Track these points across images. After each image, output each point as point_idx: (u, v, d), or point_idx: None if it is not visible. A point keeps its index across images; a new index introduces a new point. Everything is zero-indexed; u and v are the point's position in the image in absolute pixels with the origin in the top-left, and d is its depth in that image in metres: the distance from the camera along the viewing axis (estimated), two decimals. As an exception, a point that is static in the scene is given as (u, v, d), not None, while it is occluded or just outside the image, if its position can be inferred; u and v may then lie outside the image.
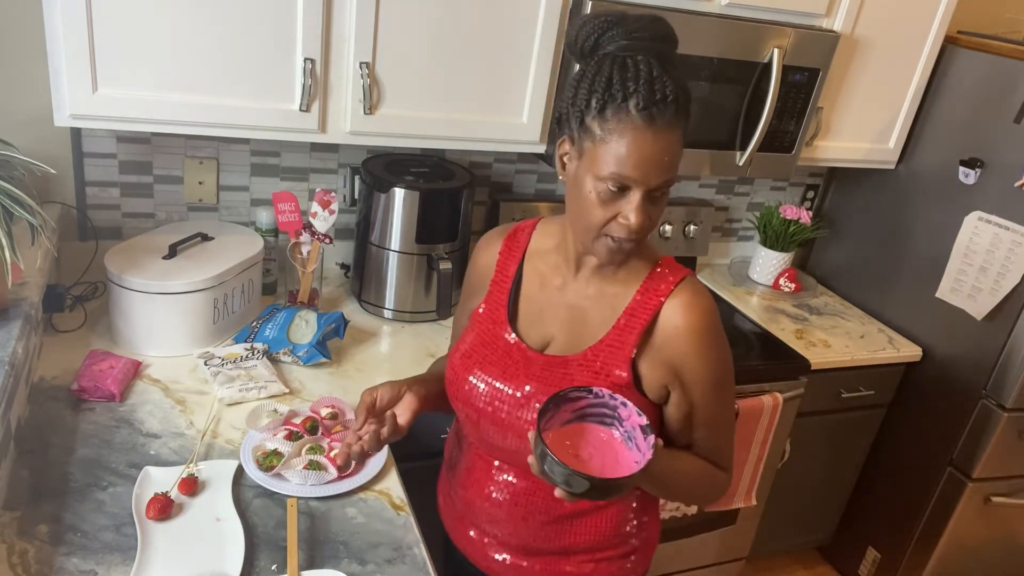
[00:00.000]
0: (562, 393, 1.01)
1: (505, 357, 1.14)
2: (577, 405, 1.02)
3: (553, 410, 1.00)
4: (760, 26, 1.89)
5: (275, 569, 1.12)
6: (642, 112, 0.94)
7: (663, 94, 0.94)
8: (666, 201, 1.03)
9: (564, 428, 1.02)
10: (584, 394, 1.01)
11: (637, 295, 1.09)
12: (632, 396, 1.07)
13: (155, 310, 1.55)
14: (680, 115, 0.97)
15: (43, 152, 1.58)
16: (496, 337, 1.16)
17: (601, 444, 1.01)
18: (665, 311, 1.07)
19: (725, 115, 1.97)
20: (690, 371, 1.08)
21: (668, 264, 1.12)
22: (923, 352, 2.29)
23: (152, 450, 1.33)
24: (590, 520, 1.17)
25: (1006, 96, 2.06)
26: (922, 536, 2.35)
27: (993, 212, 2.09)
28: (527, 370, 1.11)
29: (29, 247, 1.41)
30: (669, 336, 1.07)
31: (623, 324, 1.08)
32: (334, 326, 1.70)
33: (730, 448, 1.18)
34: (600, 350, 1.09)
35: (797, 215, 2.39)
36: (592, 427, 1.03)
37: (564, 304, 1.13)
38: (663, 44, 0.98)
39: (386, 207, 1.84)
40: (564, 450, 0.99)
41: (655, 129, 0.95)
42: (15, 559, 1.07)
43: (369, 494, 1.31)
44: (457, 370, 1.17)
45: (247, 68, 1.55)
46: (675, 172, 1.00)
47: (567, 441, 1.00)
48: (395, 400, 1.16)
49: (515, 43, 1.73)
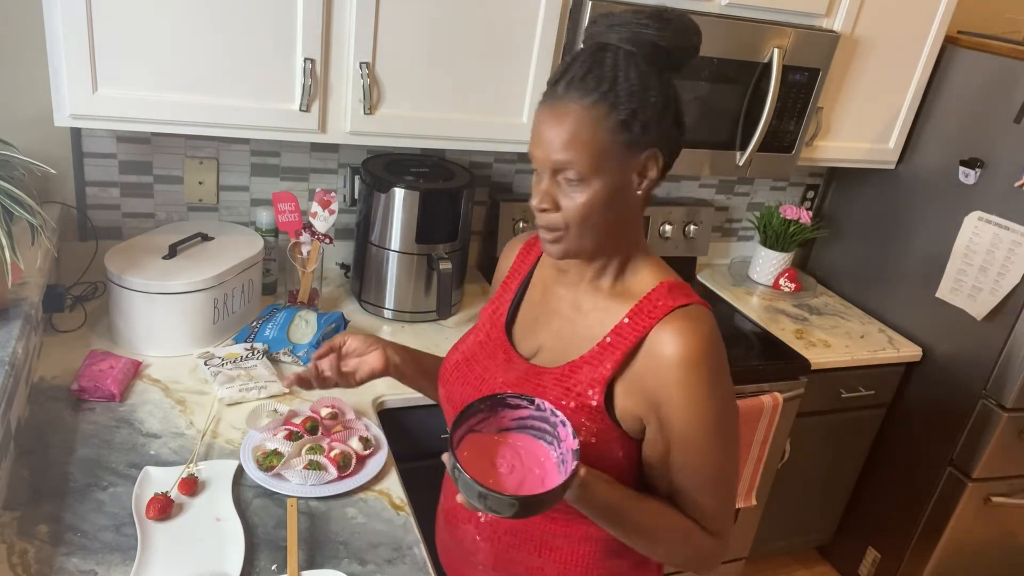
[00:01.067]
0: (500, 396, 0.96)
1: (491, 358, 1.12)
2: (518, 414, 0.97)
3: (488, 413, 0.96)
4: (760, 26, 1.89)
5: (275, 569, 1.12)
6: (551, 90, 0.94)
7: (573, 73, 0.92)
8: (585, 197, 0.94)
9: (500, 435, 0.97)
10: (525, 404, 0.96)
11: (628, 315, 1.00)
12: (602, 422, 0.99)
13: (155, 310, 1.55)
14: (588, 92, 0.90)
15: (43, 152, 1.58)
16: (490, 337, 1.15)
17: (532, 460, 0.94)
18: (652, 336, 0.97)
19: (725, 115, 1.97)
20: (669, 408, 0.96)
21: (672, 287, 1.01)
22: (923, 352, 2.29)
23: (152, 450, 1.33)
24: (559, 552, 1.09)
25: (1006, 96, 2.06)
26: (922, 536, 2.35)
27: (993, 212, 2.09)
28: (505, 375, 1.08)
29: (29, 247, 1.41)
30: (652, 364, 0.97)
31: (607, 343, 1.00)
32: (334, 326, 1.70)
33: (724, 513, 1.02)
34: (578, 367, 1.01)
35: (797, 215, 2.39)
36: (529, 441, 0.96)
37: (557, 314, 1.09)
38: (645, 29, 0.92)
39: (386, 207, 1.84)
40: (487, 457, 0.94)
41: (553, 105, 0.93)
42: (15, 559, 1.07)
43: (369, 494, 1.31)
44: (447, 369, 1.17)
45: (247, 68, 1.55)
46: (573, 154, 0.92)
47: (506, 453, 0.95)
48: (362, 352, 1.21)
49: (515, 43, 1.73)
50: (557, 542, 1.09)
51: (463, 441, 0.95)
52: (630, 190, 0.97)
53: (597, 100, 0.91)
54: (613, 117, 0.91)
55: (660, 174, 0.98)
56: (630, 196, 0.97)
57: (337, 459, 1.31)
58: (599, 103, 0.91)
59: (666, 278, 1.02)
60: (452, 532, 1.19)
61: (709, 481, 1.00)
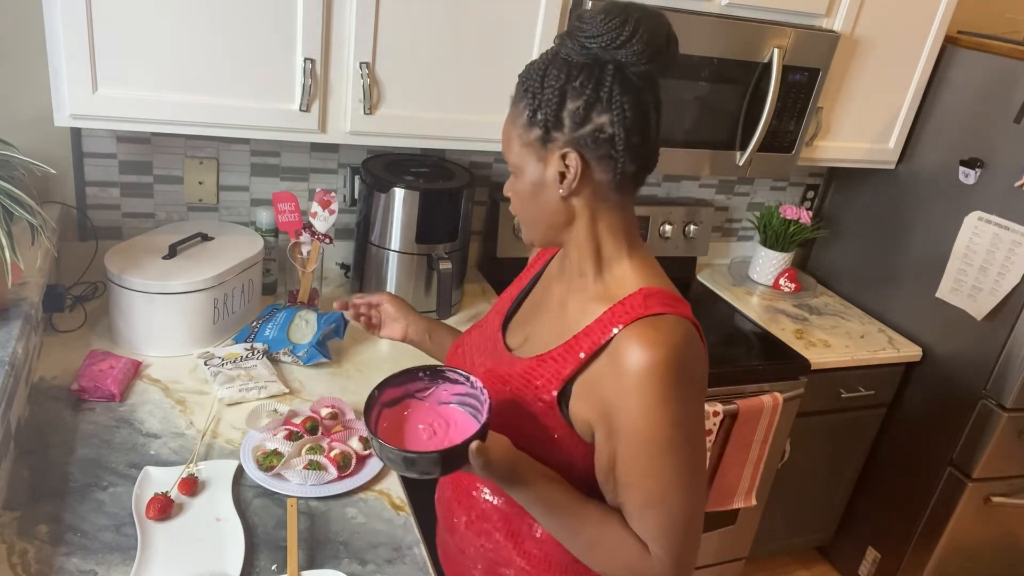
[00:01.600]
0: (440, 368, 1.05)
1: (482, 346, 1.16)
2: (458, 390, 1.04)
3: (429, 382, 1.05)
4: (760, 26, 1.89)
5: (275, 569, 1.12)
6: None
7: (522, 75, 0.99)
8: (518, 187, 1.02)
9: (439, 408, 1.04)
10: (463, 380, 1.03)
11: (600, 317, 0.98)
12: (554, 418, 1.00)
13: (155, 310, 1.55)
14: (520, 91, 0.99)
15: (43, 152, 1.58)
16: (489, 323, 1.19)
17: (456, 431, 1.00)
18: (616, 341, 0.94)
19: (725, 115, 1.97)
20: (618, 417, 0.93)
21: (651, 294, 0.97)
22: (923, 352, 2.29)
23: (152, 450, 1.33)
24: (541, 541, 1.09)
25: (1006, 96, 2.06)
26: (922, 536, 2.35)
27: (993, 212, 2.09)
28: (484, 362, 1.12)
29: (29, 247, 1.41)
30: (610, 370, 0.94)
31: (573, 342, 0.99)
32: (334, 326, 1.70)
33: (669, 535, 0.95)
34: (544, 361, 1.02)
35: (797, 215, 2.39)
36: (463, 416, 1.02)
37: (547, 309, 1.11)
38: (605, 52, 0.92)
39: (386, 207, 1.84)
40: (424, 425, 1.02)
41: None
42: (15, 559, 1.07)
43: (369, 494, 1.31)
44: (452, 347, 1.24)
45: (247, 68, 1.55)
46: (507, 151, 1.01)
47: (436, 421, 1.02)
48: (389, 316, 1.40)
49: (515, 43, 1.73)
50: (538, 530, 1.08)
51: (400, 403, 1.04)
52: (553, 188, 0.98)
53: (518, 98, 0.99)
54: (525, 114, 0.97)
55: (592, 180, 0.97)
56: (553, 194, 0.99)
57: (337, 459, 1.31)
58: (518, 101, 0.99)
59: (649, 284, 0.99)
60: (448, 527, 1.20)
61: (655, 500, 0.95)
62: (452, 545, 1.21)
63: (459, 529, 1.17)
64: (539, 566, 1.10)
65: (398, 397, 1.03)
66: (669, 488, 0.94)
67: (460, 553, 1.19)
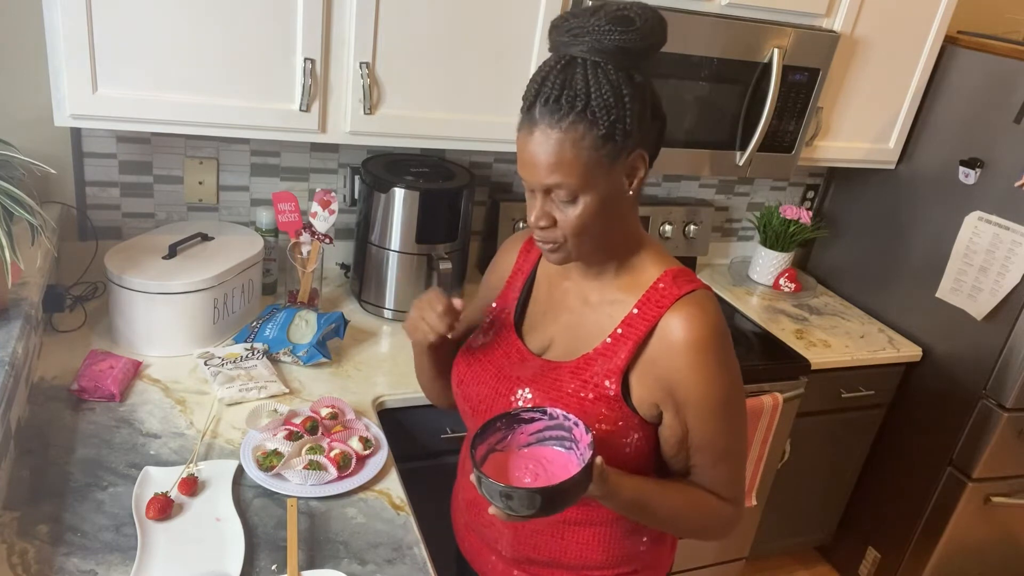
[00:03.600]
0: (514, 412, 0.99)
1: (505, 357, 1.14)
2: (534, 427, 1.00)
3: (506, 430, 1.00)
4: (760, 26, 1.89)
5: (275, 569, 1.12)
6: (528, 113, 0.96)
7: (547, 92, 0.92)
8: (580, 209, 0.96)
9: (523, 451, 1.00)
10: (539, 415, 0.99)
11: (636, 306, 1.04)
12: (620, 411, 1.04)
13: (155, 310, 1.55)
14: (565, 115, 0.91)
15: (43, 152, 1.58)
16: (500, 337, 1.17)
17: (555, 467, 0.98)
18: (662, 324, 1.01)
19: (725, 115, 1.97)
20: (684, 390, 1.01)
21: (675, 275, 1.04)
22: (923, 352, 2.29)
23: (152, 450, 1.33)
24: (579, 534, 1.13)
25: (1006, 96, 2.06)
26: (922, 536, 2.35)
27: (993, 212, 2.09)
28: (521, 372, 1.11)
29: (29, 247, 1.41)
30: (663, 351, 1.01)
31: (618, 335, 1.04)
32: (334, 326, 1.70)
33: (737, 480, 1.09)
34: (593, 359, 1.05)
35: (797, 215, 2.39)
36: (551, 452, 0.99)
37: (566, 308, 1.12)
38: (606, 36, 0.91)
39: (386, 207, 1.84)
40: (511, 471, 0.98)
41: (532, 130, 0.95)
42: (15, 559, 1.07)
43: (369, 494, 1.31)
44: (461, 369, 1.19)
45: (247, 68, 1.55)
46: (562, 176, 0.94)
47: (528, 464, 0.99)
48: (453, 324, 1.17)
49: (515, 43, 1.73)
50: (578, 526, 1.13)
51: (486, 460, 0.99)
52: (622, 194, 0.99)
53: (574, 120, 0.92)
54: (593, 133, 0.92)
55: (647, 169, 1.01)
56: (622, 199, 1.00)
57: (337, 459, 1.31)
58: (577, 123, 0.92)
59: (669, 266, 1.06)
60: (476, 518, 1.22)
61: (726, 453, 1.06)
62: (475, 529, 1.24)
63: (481, 521, 1.20)
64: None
65: (484, 455, 0.99)
66: (734, 439, 1.07)
67: (483, 536, 1.22)
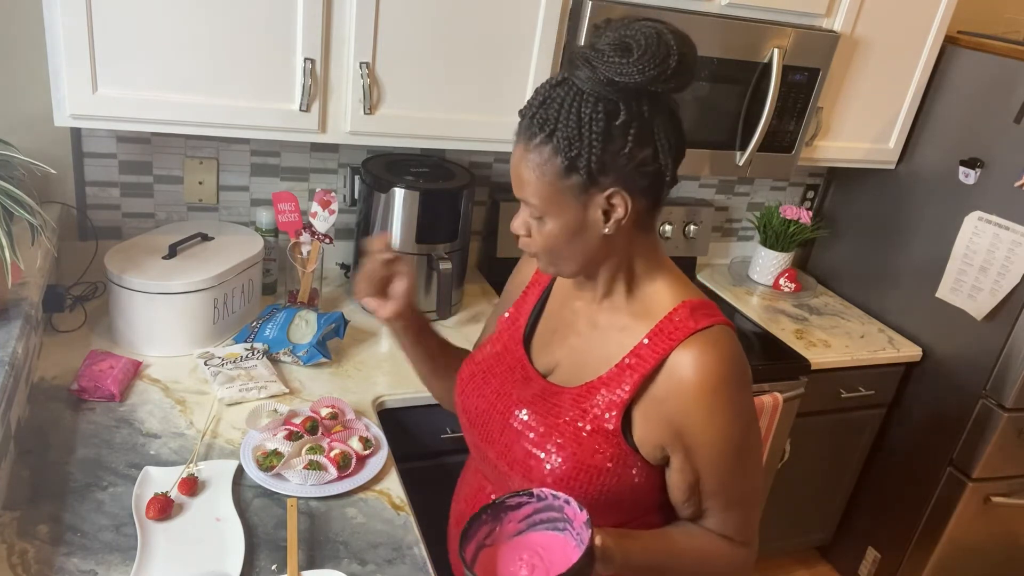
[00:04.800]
0: (499, 501, 0.92)
1: (509, 372, 1.11)
2: (522, 513, 0.93)
3: (492, 522, 0.93)
4: (760, 26, 1.89)
5: (275, 569, 1.12)
6: (519, 123, 0.94)
7: (528, 111, 0.92)
8: (548, 227, 0.93)
9: (513, 541, 0.93)
10: (526, 499, 0.92)
11: (647, 336, 0.97)
12: (618, 447, 0.98)
13: (155, 310, 1.55)
14: (534, 134, 0.89)
15: (43, 152, 1.58)
16: (507, 350, 1.13)
17: (552, 553, 0.91)
18: (673, 359, 0.94)
19: (725, 115, 1.97)
20: (694, 434, 0.95)
21: (694, 308, 0.97)
22: (923, 352, 2.29)
23: (152, 450, 1.33)
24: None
25: (1006, 96, 2.06)
26: (922, 536, 2.35)
27: (993, 212, 2.09)
28: (523, 392, 1.07)
29: (29, 247, 1.41)
30: (673, 389, 0.95)
31: (625, 364, 0.98)
32: (334, 326, 1.70)
33: (752, 523, 1.04)
34: (596, 388, 1.00)
35: (797, 215, 2.39)
36: (543, 537, 0.93)
37: (574, 329, 1.07)
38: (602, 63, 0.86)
39: (386, 207, 1.84)
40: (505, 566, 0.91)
41: (516, 142, 0.95)
42: (15, 559, 1.07)
43: (369, 494, 1.31)
44: (464, 378, 1.17)
45: (247, 68, 1.55)
46: (533, 196, 0.91)
47: (523, 555, 0.92)
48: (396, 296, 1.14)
49: (515, 43, 1.73)
50: None
51: (476, 560, 0.92)
52: (595, 228, 0.93)
53: (540, 143, 0.90)
54: (556, 162, 0.89)
55: (635, 211, 0.93)
56: (595, 233, 0.94)
57: (337, 459, 1.31)
58: (542, 146, 0.90)
59: (688, 297, 0.99)
60: (457, 507, 1.20)
61: (740, 499, 1.01)
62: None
63: None
64: None
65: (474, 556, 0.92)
66: (748, 484, 1.02)
67: None
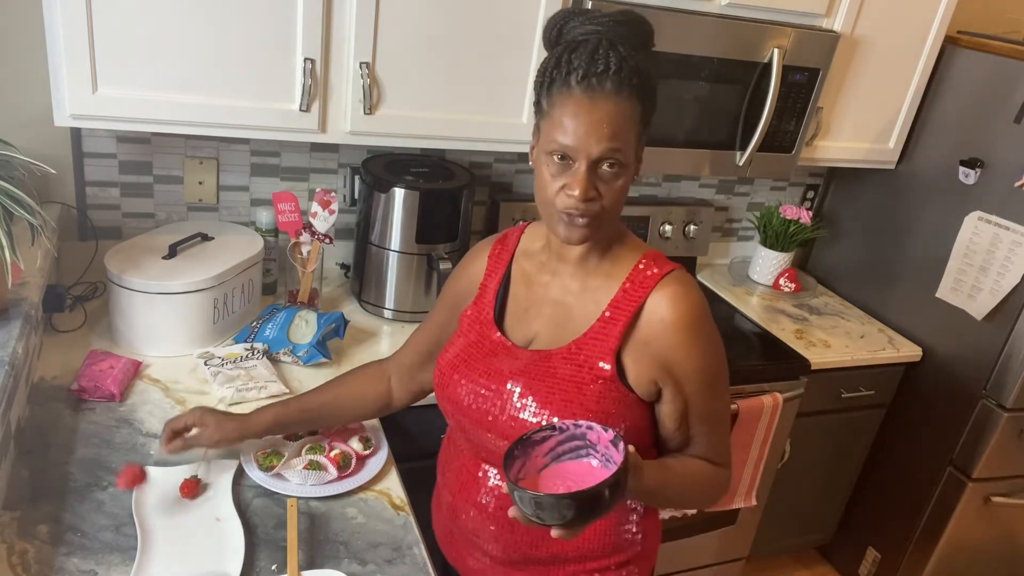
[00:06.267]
0: (525, 437, 0.96)
1: (490, 356, 1.14)
2: (546, 447, 0.98)
3: (522, 457, 0.96)
4: (760, 26, 1.89)
5: (275, 569, 1.13)
6: (581, 83, 0.97)
7: (605, 65, 0.96)
8: (621, 182, 1.01)
9: (542, 474, 0.97)
10: (549, 432, 0.97)
11: (621, 289, 1.08)
12: (616, 390, 1.06)
13: (155, 310, 1.55)
14: (623, 86, 0.97)
15: (43, 152, 1.58)
16: (482, 337, 1.16)
17: (581, 478, 0.95)
18: (650, 304, 1.06)
19: (725, 115, 1.97)
20: (680, 365, 1.06)
21: (654, 258, 1.10)
22: (923, 352, 2.29)
23: (152, 450, 1.33)
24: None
25: (1006, 96, 2.06)
26: (922, 536, 2.35)
27: (993, 212, 2.09)
28: (511, 366, 1.11)
29: (29, 247, 1.41)
30: (656, 330, 1.05)
31: (607, 317, 1.07)
32: (334, 326, 1.70)
33: (727, 443, 1.16)
34: (584, 343, 1.08)
35: (797, 215, 2.39)
36: (569, 465, 0.98)
37: (549, 301, 1.14)
38: (622, 27, 0.99)
39: (386, 207, 1.84)
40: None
41: (592, 97, 0.97)
42: (15, 559, 1.07)
43: (369, 494, 1.31)
44: (444, 370, 1.18)
45: (247, 68, 1.55)
46: (619, 143, 0.98)
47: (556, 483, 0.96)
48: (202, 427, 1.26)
49: (515, 43, 1.73)
50: None
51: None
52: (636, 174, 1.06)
53: (630, 95, 0.98)
54: (640, 109, 1.00)
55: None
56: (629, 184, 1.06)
57: (337, 459, 1.31)
58: (631, 97, 0.98)
59: (646, 250, 1.12)
60: (462, 523, 1.20)
61: (720, 422, 1.13)
62: (457, 533, 1.23)
63: (468, 524, 1.19)
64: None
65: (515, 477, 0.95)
66: (724, 406, 1.14)
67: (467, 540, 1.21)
